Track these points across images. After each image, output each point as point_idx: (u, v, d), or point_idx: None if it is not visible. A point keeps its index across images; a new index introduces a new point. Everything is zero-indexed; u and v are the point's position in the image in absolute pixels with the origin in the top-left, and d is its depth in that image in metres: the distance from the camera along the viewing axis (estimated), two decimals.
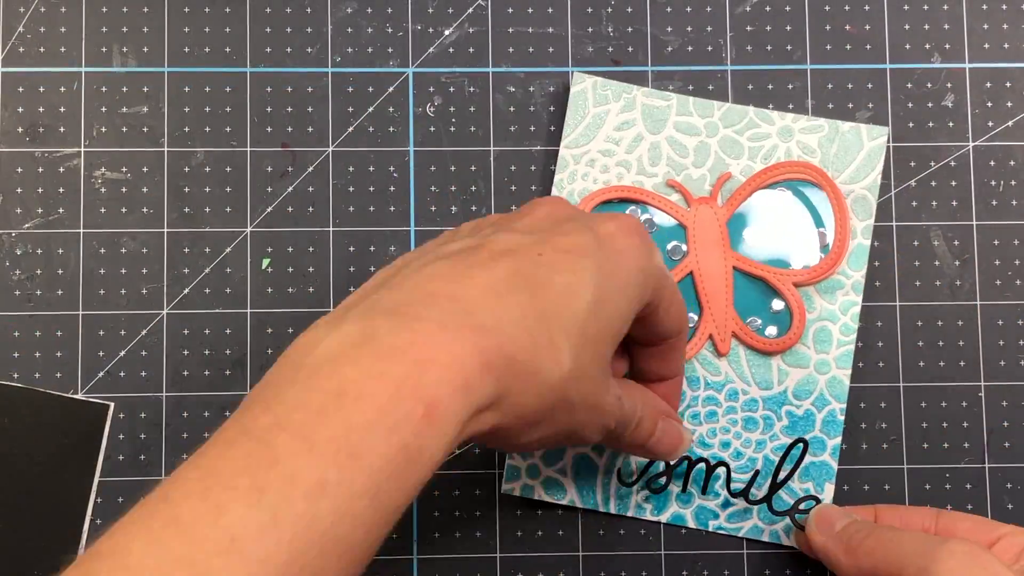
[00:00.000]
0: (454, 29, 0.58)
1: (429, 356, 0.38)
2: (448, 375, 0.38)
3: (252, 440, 0.36)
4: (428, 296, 0.40)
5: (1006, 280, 0.57)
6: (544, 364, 0.41)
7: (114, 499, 0.55)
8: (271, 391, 0.38)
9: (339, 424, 0.36)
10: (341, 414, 0.37)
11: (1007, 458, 0.56)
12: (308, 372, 0.38)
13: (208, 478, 0.36)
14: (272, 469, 0.35)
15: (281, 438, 0.36)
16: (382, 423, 0.37)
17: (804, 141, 0.57)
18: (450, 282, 0.41)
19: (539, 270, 0.42)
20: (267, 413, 0.37)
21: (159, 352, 0.56)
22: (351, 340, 0.38)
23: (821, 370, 0.56)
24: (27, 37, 0.57)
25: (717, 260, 0.56)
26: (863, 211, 0.57)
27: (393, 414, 0.37)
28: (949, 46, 0.59)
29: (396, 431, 0.37)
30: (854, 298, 0.56)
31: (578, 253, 0.43)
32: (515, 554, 0.56)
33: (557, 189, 0.57)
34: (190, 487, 0.36)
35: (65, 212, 0.57)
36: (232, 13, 0.58)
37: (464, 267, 0.41)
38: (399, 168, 0.57)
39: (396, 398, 0.37)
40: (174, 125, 0.57)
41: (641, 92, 0.57)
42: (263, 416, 0.37)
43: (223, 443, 0.37)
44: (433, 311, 0.39)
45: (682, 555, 0.56)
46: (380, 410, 0.37)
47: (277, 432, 0.36)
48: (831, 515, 0.52)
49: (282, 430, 0.36)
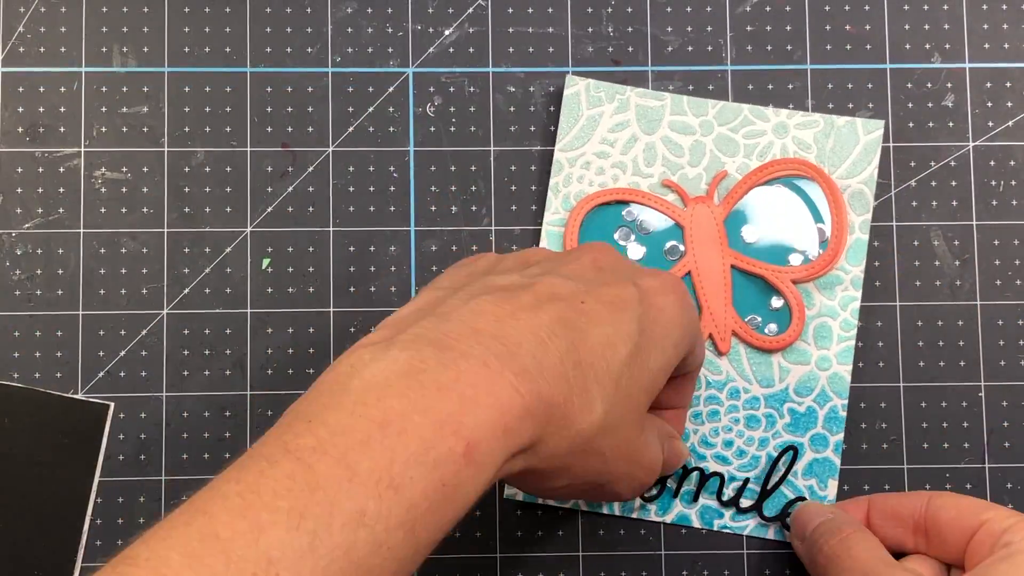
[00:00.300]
0: (454, 29, 0.58)
1: (472, 396, 0.38)
2: (490, 417, 0.39)
3: (293, 461, 0.36)
4: (474, 333, 0.40)
5: (1006, 280, 0.57)
6: (577, 412, 0.42)
7: (114, 499, 0.55)
8: (314, 411, 0.38)
9: (381, 455, 0.37)
10: (384, 445, 0.37)
11: (1007, 458, 0.56)
12: (354, 398, 0.38)
13: (248, 494, 0.36)
14: (313, 494, 0.36)
15: (323, 463, 0.36)
16: (424, 458, 0.37)
17: (800, 137, 0.57)
18: (496, 321, 0.41)
19: (580, 319, 0.42)
20: (310, 434, 0.37)
21: (159, 352, 0.56)
22: (398, 369, 0.39)
23: (822, 366, 0.56)
24: (27, 37, 0.57)
25: (715, 259, 0.56)
26: (860, 206, 0.57)
27: (435, 450, 0.37)
28: (949, 46, 0.59)
29: (437, 468, 0.37)
30: (853, 293, 0.56)
31: (619, 306, 0.44)
32: (515, 554, 0.56)
33: (553, 193, 0.57)
34: (230, 503, 0.36)
35: (65, 212, 0.57)
36: (232, 13, 0.58)
37: (511, 308, 0.42)
38: (399, 168, 0.58)
39: (439, 435, 0.38)
40: (174, 125, 0.57)
41: (635, 93, 0.57)
42: (305, 437, 0.37)
43: (263, 459, 0.37)
44: (478, 349, 0.40)
45: (682, 555, 0.56)
46: (423, 445, 0.37)
47: (320, 456, 0.36)
48: (806, 518, 0.52)
49: (324, 454, 0.36)
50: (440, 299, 0.43)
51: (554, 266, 0.46)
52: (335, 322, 0.57)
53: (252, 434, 0.56)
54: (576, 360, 0.42)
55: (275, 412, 0.56)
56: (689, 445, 0.55)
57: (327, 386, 0.39)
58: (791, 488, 0.55)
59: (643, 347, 0.44)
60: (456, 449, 0.38)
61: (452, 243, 0.57)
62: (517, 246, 0.57)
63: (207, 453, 0.56)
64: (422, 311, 0.43)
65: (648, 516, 0.55)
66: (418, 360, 0.39)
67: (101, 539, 0.55)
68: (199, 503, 0.36)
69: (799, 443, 0.55)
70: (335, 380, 0.39)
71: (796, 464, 0.55)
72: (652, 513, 0.55)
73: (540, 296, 0.43)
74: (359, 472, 0.36)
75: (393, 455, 0.37)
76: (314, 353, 0.56)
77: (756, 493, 0.55)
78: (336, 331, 0.56)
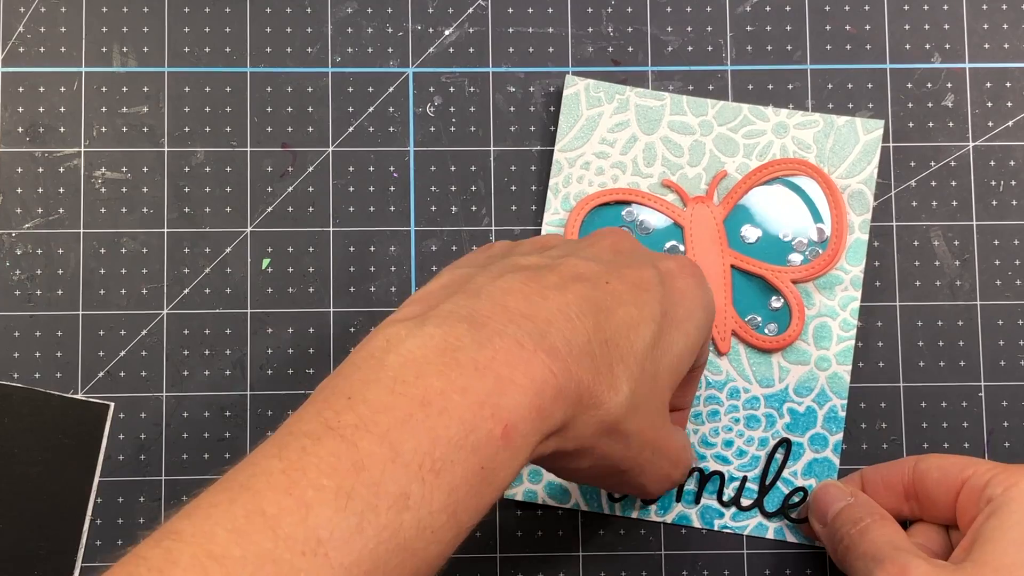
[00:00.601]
0: (454, 29, 0.58)
1: (509, 376, 0.38)
2: (526, 399, 0.39)
3: (336, 438, 0.36)
4: (504, 310, 0.40)
5: (1006, 280, 0.57)
6: (604, 392, 0.42)
7: (114, 499, 0.55)
8: (353, 387, 0.38)
9: (424, 436, 0.37)
10: (426, 425, 0.37)
11: (1007, 458, 0.56)
12: (392, 374, 0.38)
13: (293, 471, 0.35)
14: (359, 474, 0.35)
15: (366, 441, 0.36)
16: (464, 442, 0.37)
17: (799, 137, 0.57)
18: (525, 299, 0.41)
19: (606, 299, 0.42)
20: (350, 411, 0.37)
21: (159, 352, 0.56)
22: (434, 345, 0.39)
23: (821, 366, 0.56)
24: (27, 37, 0.58)
25: (715, 259, 0.56)
26: (860, 205, 0.57)
27: (474, 434, 0.37)
28: (949, 46, 0.59)
29: (476, 451, 0.37)
30: (853, 293, 0.56)
31: (643, 287, 0.44)
32: (515, 554, 0.56)
33: (552, 193, 0.57)
34: (274, 480, 0.35)
35: (65, 212, 0.57)
36: (232, 13, 0.58)
37: (538, 286, 0.42)
38: (399, 168, 0.58)
39: (478, 416, 0.38)
40: (174, 125, 0.57)
41: (634, 93, 0.58)
42: (346, 413, 0.37)
43: (305, 437, 0.36)
44: (511, 328, 0.40)
45: (682, 555, 0.56)
46: (463, 427, 0.37)
47: (363, 433, 0.36)
48: (827, 500, 0.53)
49: (367, 432, 0.36)
50: (467, 276, 0.43)
51: (574, 248, 0.46)
52: (335, 322, 0.57)
53: (252, 434, 0.56)
54: (602, 339, 0.42)
55: (275, 412, 0.56)
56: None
57: (363, 361, 0.39)
58: (788, 486, 0.55)
59: (666, 329, 0.44)
60: (495, 432, 0.38)
61: (452, 243, 0.57)
62: None
63: (207, 453, 0.56)
64: (449, 288, 0.43)
65: (648, 516, 0.55)
66: (453, 337, 0.39)
67: (101, 539, 0.55)
68: (241, 479, 0.36)
69: (798, 443, 0.55)
70: (371, 355, 0.39)
71: (796, 464, 0.55)
72: (652, 513, 0.55)
73: (565, 276, 0.42)
74: (402, 453, 0.36)
75: (434, 437, 0.37)
76: (314, 353, 0.56)
77: (755, 492, 0.55)
78: (336, 331, 0.57)
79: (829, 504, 0.52)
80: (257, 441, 0.55)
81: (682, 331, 0.45)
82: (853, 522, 0.50)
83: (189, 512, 0.35)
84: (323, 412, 0.37)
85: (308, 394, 0.56)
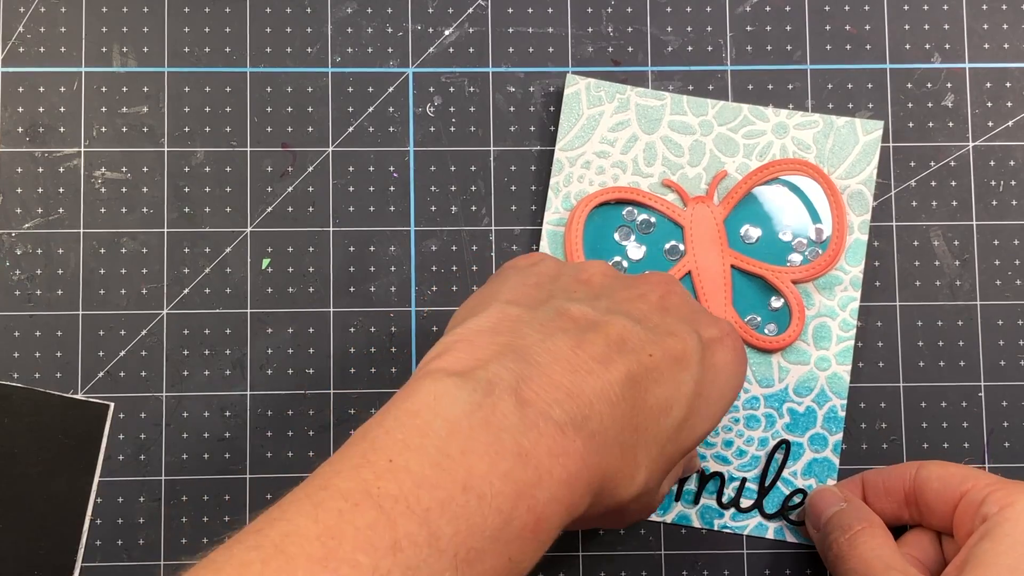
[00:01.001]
0: (454, 29, 0.58)
1: (548, 467, 0.39)
2: (559, 493, 0.39)
3: (375, 509, 0.36)
4: (551, 384, 0.40)
5: (1006, 280, 0.57)
6: (622, 480, 0.42)
7: (114, 499, 0.55)
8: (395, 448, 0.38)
9: (463, 523, 0.37)
10: (466, 510, 0.37)
11: (1007, 458, 0.56)
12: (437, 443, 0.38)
13: (329, 540, 0.35)
14: (395, 555, 0.35)
15: (405, 519, 0.36)
16: (500, 535, 0.37)
17: (799, 137, 0.57)
18: (571, 372, 0.41)
19: (646, 377, 0.42)
20: (391, 478, 0.37)
21: (159, 352, 0.56)
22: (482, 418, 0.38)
23: (821, 366, 0.56)
24: (27, 37, 0.58)
25: (715, 259, 0.56)
26: (860, 206, 0.57)
27: (510, 525, 0.38)
28: (949, 46, 0.59)
29: (509, 544, 0.38)
30: (853, 293, 0.56)
31: (683, 364, 0.43)
32: None
33: (553, 192, 0.57)
34: (310, 548, 0.35)
35: (65, 212, 0.57)
36: (232, 13, 0.58)
37: (585, 357, 0.41)
38: (399, 168, 0.58)
39: (516, 508, 0.38)
40: (174, 125, 0.57)
41: (635, 92, 0.58)
42: (387, 480, 0.37)
43: (342, 498, 0.36)
44: (556, 410, 0.40)
45: (682, 555, 0.56)
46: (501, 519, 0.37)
47: (402, 509, 0.36)
48: (821, 505, 0.53)
49: (408, 509, 0.36)
50: (515, 322, 0.43)
51: (621, 301, 0.45)
52: (335, 322, 0.57)
53: (252, 434, 0.56)
54: (634, 425, 0.42)
55: (275, 412, 0.56)
56: None
57: (407, 417, 0.39)
58: (788, 487, 0.55)
59: (696, 410, 0.44)
60: (528, 524, 0.38)
61: (452, 243, 0.57)
62: (517, 246, 0.57)
63: (207, 453, 0.56)
64: (498, 333, 0.42)
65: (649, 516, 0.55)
66: (500, 415, 0.39)
67: (101, 539, 0.55)
68: (274, 536, 0.35)
69: (798, 443, 0.56)
70: (416, 412, 0.39)
71: (795, 464, 0.55)
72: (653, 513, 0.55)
73: (611, 342, 0.42)
74: (440, 538, 0.36)
75: (472, 525, 0.37)
76: (314, 353, 0.56)
77: (755, 492, 0.55)
78: (336, 331, 0.56)
79: (823, 509, 0.52)
80: (257, 442, 0.55)
81: (711, 412, 0.45)
82: (843, 529, 0.51)
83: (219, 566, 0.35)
84: (362, 470, 0.37)
85: (308, 394, 0.56)
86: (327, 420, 0.56)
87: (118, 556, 0.55)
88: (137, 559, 0.55)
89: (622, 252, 0.57)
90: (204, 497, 0.55)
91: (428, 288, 0.57)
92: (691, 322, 0.45)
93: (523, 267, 0.47)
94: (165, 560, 0.55)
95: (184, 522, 0.55)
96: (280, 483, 0.55)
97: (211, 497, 0.55)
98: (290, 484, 0.38)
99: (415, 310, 0.57)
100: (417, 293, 0.57)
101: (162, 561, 0.55)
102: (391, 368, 0.56)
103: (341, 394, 0.56)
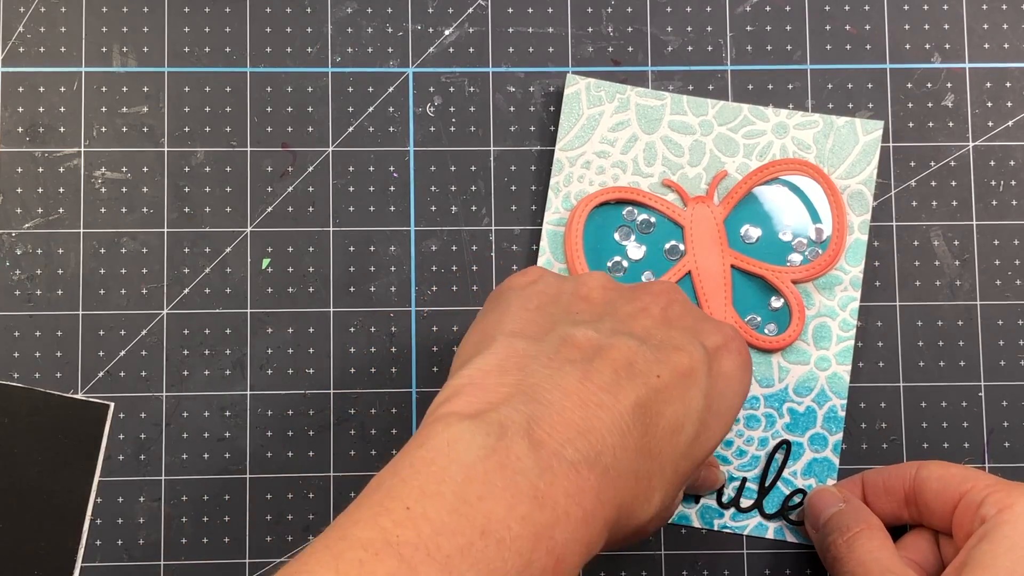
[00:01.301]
0: (454, 29, 0.58)
1: (565, 508, 0.39)
2: (578, 534, 0.39)
3: (395, 558, 0.36)
4: (562, 421, 0.40)
5: (1006, 280, 0.57)
6: (638, 507, 0.42)
7: (114, 499, 0.55)
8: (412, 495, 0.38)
9: (483, 569, 0.37)
10: (485, 556, 0.37)
11: (1007, 458, 0.56)
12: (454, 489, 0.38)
13: None
14: None
15: (426, 567, 0.36)
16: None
17: (799, 137, 0.57)
18: (582, 407, 0.41)
19: (655, 400, 0.42)
20: (410, 526, 0.37)
21: (159, 352, 0.56)
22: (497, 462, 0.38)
23: (821, 366, 0.56)
24: (27, 37, 0.58)
25: (715, 259, 0.56)
26: (860, 206, 0.57)
27: (530, 568, 0.38)
28: (949, 46, 0.59)
29: None
30: (852, 293, 0.56)
31: (691, 380, 0.43)
32: None
33: (553, 192, 0.57)
34: None
35: (65, 212, 0.57)
36: (232, 13, 0.58)
37: (593, 387, 0.41)
38: (399, 168, 0.58)
39: (535, 551, 0.38)
40: (174, 125, 0.57)
41: (635, 92, 0.58)
42: (406, 528, 0.37)
43: (362, 548, 0.36)
44: (569, 450, 0.39)
45: (682, 555, 0.56)
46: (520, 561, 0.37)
47: (423, 557, 0.36)
48: (820, 506, 0.53)
49: (428, 556, 0.36)
50: (522, 357, 0.42)
51: (624, 319, 0.45)
52: (335, 322, 0.57)
53: (252, 434, 0.56)
54: (647, 451, 0.42)
55: (275, 412, 0.56)
56: None
57: (423, 465, 0.38)
58: (789, 487, 0.55)
59: (707, 423, 0.44)
60: (548, 566, 0.38)
61: (452, 243, 0.57)
62: (517, 246, 0.57)
63: (207, 453, 0.56)
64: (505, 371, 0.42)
65: None
66: (514, 457, 0.39)
67: (101, 539, 0.55)
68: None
69: (798, 442, 0.56)
70: (432, 459, 0.39)
71: (796, 464, 0.55)
72: None
73: (618, 367, 0.42)
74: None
75: (492, 570, 0.37)
76: (314, 353, 0.56)
77: (755, 492, 0.55)
78: (336, 331, 0.56)
79: (821, 509, 0.52)
80: (257, 442, 0.55)
81: (720, 423, 0.45)
82: (841, 530, 0.51)
83: None
84: (380, 519, 0.37)
85: (307, 394, 0.56)
86: (327, 420, 0.56)
87: (118, 556, 0.55)
88: (137, 559, 0.55)
89: (622, 252, 0.57)
90: (204, 497, 0.55)
91: (428, 288, 0.57)
92: (695, 332, 0.45)
93: (522, 287, 0.47)
94: (165, 560, 0.55)
95: (184, 522, 0.55)
96: (280, 483, 0.55)
97: (211, 497, 0.55)
98: (290, 484, 0.38)
99: (415, 310, 0.57)
100: (417, 293, 0.57)
101: (162, 561, 0.55)
102: (391, 368, 0.56)
103: (341, 394, 0.56)
